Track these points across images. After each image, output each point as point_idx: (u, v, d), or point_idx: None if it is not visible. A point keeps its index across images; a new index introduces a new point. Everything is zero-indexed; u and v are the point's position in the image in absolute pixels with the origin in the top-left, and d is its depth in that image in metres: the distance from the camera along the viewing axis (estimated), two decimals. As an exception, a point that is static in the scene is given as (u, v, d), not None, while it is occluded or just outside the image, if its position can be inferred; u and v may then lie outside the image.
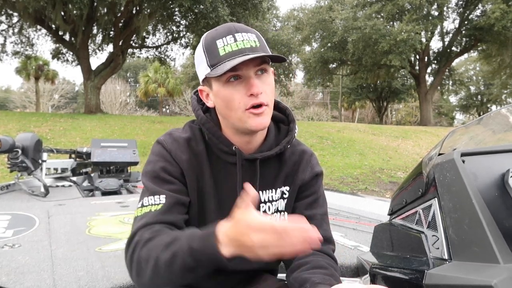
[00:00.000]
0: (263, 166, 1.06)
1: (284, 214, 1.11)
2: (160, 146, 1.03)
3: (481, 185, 0.93)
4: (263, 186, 1.07)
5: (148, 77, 33.94)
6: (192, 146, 1.03)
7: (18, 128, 11.52)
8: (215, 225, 0.81)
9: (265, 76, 0.96)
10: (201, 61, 0.98)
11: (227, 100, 0.95)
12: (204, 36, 0.99)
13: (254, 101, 0.93)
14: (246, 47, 0.93)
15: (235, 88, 0.93)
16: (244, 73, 0.93)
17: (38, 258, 1.67)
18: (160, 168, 0.99)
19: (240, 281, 1.15)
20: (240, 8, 17.04)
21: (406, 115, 46.56)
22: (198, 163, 1.03)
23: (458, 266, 0.85)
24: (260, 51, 0.94)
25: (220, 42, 0.94)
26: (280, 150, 1.06)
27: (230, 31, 0.95)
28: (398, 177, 9.89)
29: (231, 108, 0.95)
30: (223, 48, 0.93)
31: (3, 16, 17.91)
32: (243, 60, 0.89)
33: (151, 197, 0.96)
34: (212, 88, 0.98)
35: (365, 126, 20.04)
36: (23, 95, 42.57)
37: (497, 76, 30.40)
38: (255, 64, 0.93)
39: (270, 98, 0.97)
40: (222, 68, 0.91)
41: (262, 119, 0.95)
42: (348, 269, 1.66)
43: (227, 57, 0.92)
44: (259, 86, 0.93)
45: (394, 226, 1.28)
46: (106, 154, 3.79)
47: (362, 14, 22.73)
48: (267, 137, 1.06)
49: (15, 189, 3.44)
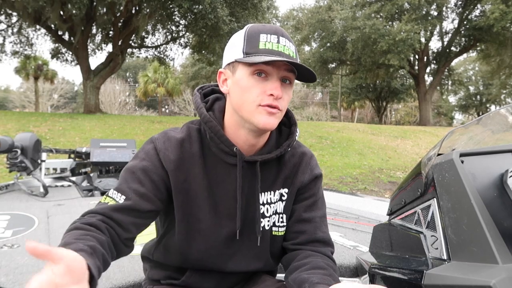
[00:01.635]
0: (263, 168, 1.06)
1: (283, 216, 1.11)
2: (151, 145, 1.03)
3: (480, 185, 0.93)
4: (263, 188, 1.07)
5: (148, 77, 33.95)
6: (185, 147, 1.03)
7: (17, 128, 11.51)
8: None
9: (287, 86, 0.98)
10: (237, 45, 0.97)
11: (247, 90, 0.95)
12: (249, 25, 1.00)
13: (272, 102, 0.94)
14: (284, 52, 0.94)
15: (258, 82, 0.94)
16: (272, 73, 0.94)
17: (37, 259, 1.66)
18: (140, 167, 1.00)
19: (239, 281, 1.15)
20: (239, 8, 17.03)
21: (405, 115, 46.61)
22: (190, 164, 1.02)
23: (457, 266, 0.85)
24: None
25: (264, 36, 0.95)
26: (280, 153, 1.06)
27: (277, 32, 0.96)
28: (397, 177, 9.90)
29: (247, 99, 0.95)
30: (265, 43, 0.94)
31: (2, 16, 17.89)
32: (281, 60, 0.91)
33: (115, 192, 0.97)
34: (235, 74, 0.98)
35: (364, 126, 20.05)
36: (22, 95, 42.56)
37: (496, 76, 30.42)
38: (285, 70, 0.95)
39: (285, 106, 0.98)
40: (257, 58, 0.91)
41: (272, 119, 0.95)
42: (347, 269, 1.67)
43: (265, 52, 0.93)
44: (281, 90, 0.95)
45: (393, 226, 1.28)
46: (105, 154, 3.79)
47: (362, 14, 22.74)
48: (268, 139, 1.06)
49: (14, 189, 3.44)
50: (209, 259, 1.07)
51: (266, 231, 1.09)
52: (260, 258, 1.11)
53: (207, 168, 1.03)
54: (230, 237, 1.06)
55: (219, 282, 1.11)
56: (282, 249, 1.15)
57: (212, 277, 1.10)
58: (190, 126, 1.07)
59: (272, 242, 1.11)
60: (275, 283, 1.12)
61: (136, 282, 1.43)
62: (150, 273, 1.17)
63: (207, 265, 1.08)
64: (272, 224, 1.10)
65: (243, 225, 1.06)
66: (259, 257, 1.11)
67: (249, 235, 1.08)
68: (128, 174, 1.00)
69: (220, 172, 1.04)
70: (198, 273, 1.09)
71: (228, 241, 1.06)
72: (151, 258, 1.14)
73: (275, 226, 1.10)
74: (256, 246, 1.08)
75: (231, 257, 1.08)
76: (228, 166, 1.03)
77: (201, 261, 1.07)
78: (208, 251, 1.06)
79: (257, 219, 1.06)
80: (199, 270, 1.09)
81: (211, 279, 1.10)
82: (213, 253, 1.06)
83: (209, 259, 1.07)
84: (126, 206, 0.95)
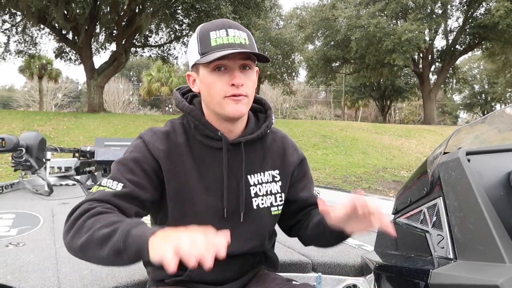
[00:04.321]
0: (248, 151, 1.13)
1: (281, 196, 1.18)
2: (139, 140, 1.09)
3: (487, 184, 0.92)
4: (251, 170, 1.14)
5: (151, 76, 34.02)
6: (171, 138, 1.09)
7: (21, 127, 11.56)
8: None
9: (249, 72, 1.05)
10: (193, 48, 1.06)
11: (211, 86, 1.03)
12: (199, 27, 1.08)
13: (235, 91, 1.02)
14: (236, 43, 1.01)
15: (219, 77, 1.02)
16: (229, 65, 1.01)
17: (42, 257, 1.67)
18: (131, 158, 1.04)
19: (241, 274, 1.17)
20: (242, 6, 17.00)
21: (409, 113, 46.45)
22: (178, 153, 1.08)
23: (464, 265, 0.85)
24: (248, 49, 1.02)
25: (213, 33, 1.02)
26: (261, 134, 1.14)
27: (224, 25, 1.03)
28: (401, 176, 9.87)
29: (213, 94, 1.03)
30: (215, 39, 1.01)
31: (7, 15, 17.96)
32: (231, 52, 0.97)
33: (110, 180, 1.00)
34: (199, 74, 1.06)
35: (368, 125, 20.00)
36: (27, 94, 42.74)
37: (502, 74, 30.27)
38: (241, 58, 1.02)
39: (250, 90, 1.05)
40: (211, 56, 0.99)
41: (239, 106, 1.03)
42: (352, 268, 1.66)
43: (217, 48, 1.00)
44: (241, 78, 1.02)
45: (398, 225, 1.28)
46: (110, 153, 3.79)
47: (366, 12, 22.62)
48: (247, 124, 1.15)
49: (19, 188, 3.46)
50: None
51: (262, 210, 1.14)
52: (255, 237, 1.16)
53: (194, 155, 1.10)
54: (220, 217, 1.10)
55: (222, 272, 1.12)
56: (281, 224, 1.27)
57: (213, 266, 1.11)
58: (173, 121, 1.15)
59: (269, 221, 1.17)
60: (284, 282, 1.14)
61: (141, 280, 1.43)
62: (153, 274, 1.18)
63: None
64: (269, 205, 1.16)
65: (233, 205, 1.11)
66: (254, 236, 1.16)
67: (242, 214, 1.12)
68: (119, 166, 1.04)
69: (207, 158, 1.10)
70: (199, 264, 1.10)
71: (219, 222, 1.08)
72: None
73: (273, 206, 1.17)
74: (249, 225, 1.13)
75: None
76: (214, 151, 1.10)
77: None
78: None
79: (241, 197, 1.12)
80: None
81: (213, 269, 1.11)
82: None
83: None
84: (126, 193, 0.98)
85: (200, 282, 1.12)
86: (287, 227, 1.27)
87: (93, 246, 0.85)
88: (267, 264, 1.26)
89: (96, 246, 0.84)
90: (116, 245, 0.81)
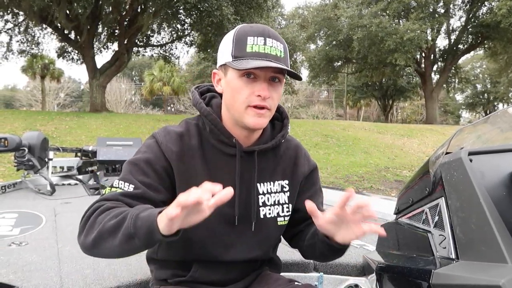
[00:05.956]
0: (261, 160, 1.11)
1: (288, 206, 1.16)
2: (152, 139, 1.08)
3: (489, 184, 0.92)
4: (262, 178, 1.13)
5: (153, 76, 34.02)
6: (184, 140, 1.08)
7: (24, 127, 11.59)
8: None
9: (277, 85, 1.03)
10: (226, 48, 1.03)
11: (236, 91, 1.01)
12: (238, 27, 1.04)
13: (259, 103, 1.00)
14: (271, 54, 0.99)
15: (247, 84, 1.00)
16: (260, 74, 0.99)
17: (45, 256, 1.68)
18: (143, 159, 1.03)
19: (244, 275, 1.17)
20: (244, 6, 16.98)
21: (411, 113, 46.35)
22: (190, 156, 1.07)
23: (466, 265, 0.85)
24: (282, 62, 1.00)
25: (251, 39, 0.99)
26: (276, 143, 1.12)
27: (263, 33, 1.00)
28: (403, 175, 9.85)
29: (236, 100, 1.01)
30: (251, 46, 0.99)
31: (9, 15, 17.99)
32: (266, 65, 0.96)
33: (122, 182, 1.00)
34: (227, 75, 1.04)
35: (370, 125, 19.96)
36: (29, 94, 42.79)
37: (504, 74, 30.15)
38: (273, 71, 1.00)
39: (274, 104, 1.04)
40: (244, 64, 0.97)
41: (261, 120, 1.02)
42: (354, 268, 1.66)
43: (252, 56, 0.98)
44: (269, 91, 1.00)
45: (400, 225, 1.28)
46: (112, 153, 3.80)
47: (368, 12, 22.58)
48: (263, 132, 1.13)
49: (22, 188, 3.47)
50: (211, 247, 1.09)
51: (268, 220, 1.13)
52: (260, 246, 1.15)
53: (207, 159, 1.08)
54: (230, 224, 1.09)
55: (225, 275, 1.13)
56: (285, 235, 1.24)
57: (217, 269, 1.12)
58: (188, 121, 1.13)
59: (275, 231, 1.16)
60: (286, 283, 1.14)
61: (143, 280, 1.43)
62: (156, 273, 1.18)
63: (209, 255, 1.10)
64: (276, 215, 1.14)
65: (242, 213, 1.10)
66: (259, 245, 1.15)
67: (249, 222, 1.12)
68: (131, 166, 1.03)
69: (219, 163, 1.09)
70: (203, 266, 1.11)
71: (228, 228, 1.09)
72: (156, 258, 1.16)
73: (280, 217, 1.15)
74: (256, 234, 1.12)
75: (232, 245, 1.11)
76: (227, 157, 1.09)
77: (203, 250, 1.09)
78: (210, 239, 1.08)
79: (253, 206, 1.11)
80: (203, 262, 1.11)
81: (216, 271, 1.12)
82: (215, 241, 1.09)
83: (211, 248, 1.09)
84: (137, 194, 0.98)
85: (203, 283, 1.12)
86: (289, 237, 1.25)
87: (105, 237, 0.86)
88: (270, 265, 1.26)
89: (108, 236, 0.86)
90: (126, 230, 0.83)
